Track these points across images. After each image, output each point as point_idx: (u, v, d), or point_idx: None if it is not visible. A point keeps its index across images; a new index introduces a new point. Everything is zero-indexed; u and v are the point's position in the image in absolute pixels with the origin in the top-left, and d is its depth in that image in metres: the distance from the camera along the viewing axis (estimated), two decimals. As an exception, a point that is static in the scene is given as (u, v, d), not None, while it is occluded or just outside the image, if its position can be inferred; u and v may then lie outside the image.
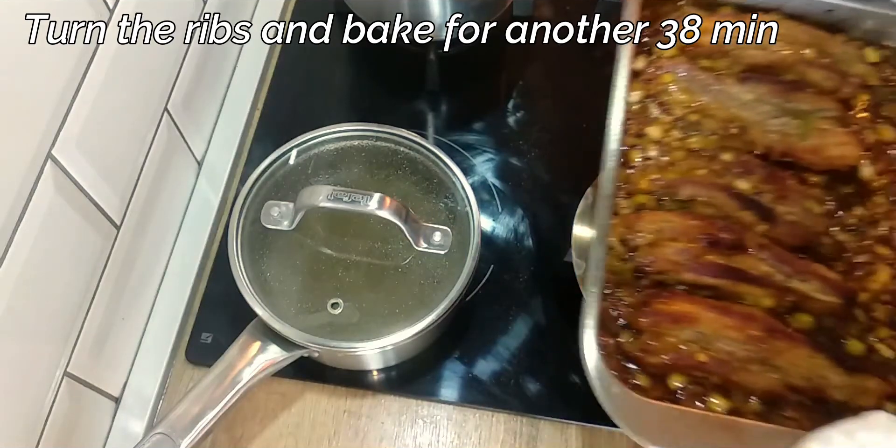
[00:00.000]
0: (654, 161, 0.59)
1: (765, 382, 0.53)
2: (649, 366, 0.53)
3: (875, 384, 0.53)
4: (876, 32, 0.63)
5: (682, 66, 0.61)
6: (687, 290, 0.56)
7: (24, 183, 0.47)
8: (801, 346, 0.53)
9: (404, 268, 0.60)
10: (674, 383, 0.53)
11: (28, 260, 0.49)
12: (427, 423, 0.67)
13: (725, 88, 0.61)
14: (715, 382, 0.53)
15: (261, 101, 0.81)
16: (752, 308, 0.55)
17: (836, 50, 0.63)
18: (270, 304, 0.58)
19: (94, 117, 0.53)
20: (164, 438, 0.54)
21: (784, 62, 0.62)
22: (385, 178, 0.64)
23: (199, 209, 0.74)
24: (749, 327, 0.53)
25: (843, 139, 0.60)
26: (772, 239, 0.57)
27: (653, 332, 0.53)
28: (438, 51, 0.82)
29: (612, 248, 0.56)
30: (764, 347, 0.53)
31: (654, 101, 0.61)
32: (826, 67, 0.62)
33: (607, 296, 0.55)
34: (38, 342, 0.53)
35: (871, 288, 0.58)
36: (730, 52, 0.62)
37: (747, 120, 0.60)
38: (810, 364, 0.53)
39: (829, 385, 0.53)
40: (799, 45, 0.62)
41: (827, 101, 0.62)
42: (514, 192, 0.76)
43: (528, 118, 0.80)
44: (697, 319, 0.53)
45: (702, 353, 0.52)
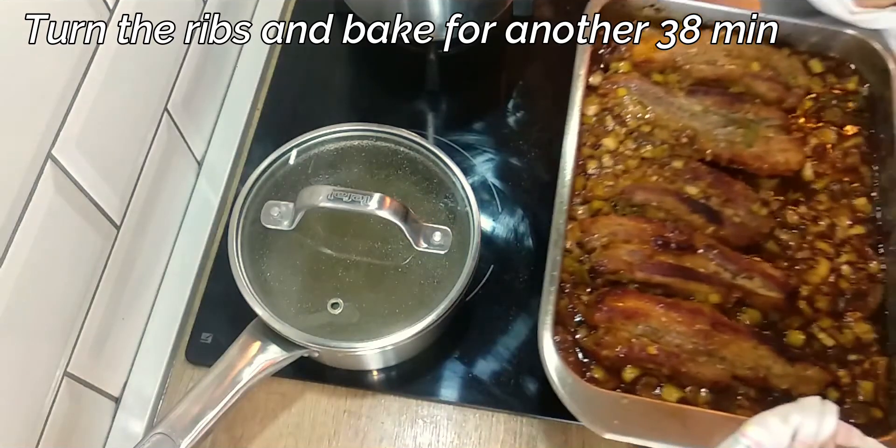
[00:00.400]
0: (610, 169, 0.64)
1: (712, 373, 0.56)
2: (604, 359, 0.56)
3: (815, 373, 0.57)
4: (820, 45, 0.69)
5: (635, 80, 0.66)
6: (639, 288, 0.60)
7: (24, 183, 0.47)
8: (745, 338, 0.57)
9: (404, 268, 0.60)
10: (628, 375, 0.57)
11: (28, 260, 0.49)
12: (427, 423, 0.67)
13: (675, 101, 0.66)
14: (666, 373, 0.57)
15: (261, 101, 0.81)
16: (699, 304, 0.58)
17: (782, 63, 0.68)
18: (270, 304, 0.58)
19: (94, 117, 0.53)
20: (164, 438, 0.54)
21: (731, 75, 0.67)
22: (385, 178, 0.64)
23: (199, 209, 0.74)
24: (696, 322, 0.57)
25: (786, 146, 0.65)
26: (719, 239, 0.61)
27: (607, 327, 0.57)
28: (438, 51, 0.81)
29: (571, 250, 0.60)
30: (710, 340, 0.57)
31: (609, 114, 0.66)
32: (770, 80, 0.67)
33: (566, 295, 0.59)
34: (38, 342, 0.53)
35: (812, 281, 0.62)
36: (680, 67, 0.68)
37: (696, 129, 0.65)
38: (754, 355, 0.57)
39: (772, 375, 0.57)
40: (746, 59, 0.68)
41: (771, 110, 0.66)
42: (514, 192, 0.76)
43: (528, 118, 0.80)
44: (648, 315, 0.57)
45: (652, 346, 0.56)
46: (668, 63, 0.68)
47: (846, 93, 0.69)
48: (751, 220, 0.62)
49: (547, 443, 0.66)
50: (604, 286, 0.60)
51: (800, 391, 0.57)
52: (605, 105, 0.66)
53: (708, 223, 0.62)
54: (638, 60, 0.68)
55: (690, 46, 0.68)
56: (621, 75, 0.67)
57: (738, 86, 0.68)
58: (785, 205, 0.65)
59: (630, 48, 0.68)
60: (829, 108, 0.69)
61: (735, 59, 0.68)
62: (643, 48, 0.68)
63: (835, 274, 0.62)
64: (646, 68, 0.68)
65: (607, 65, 0.69)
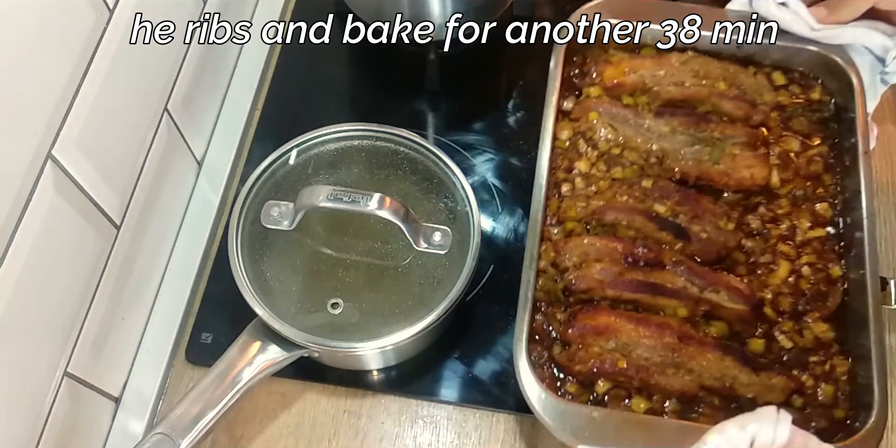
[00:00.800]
0: (583, 191, 0.66)
1: (680, 384, 0.59)
2: (578, 373, 0.59)
3: (780, 381, 0.59)
4: (782, 61, 0.72)
5: (605, 104, 0.69)
6: (611, 305, 0.62)
7: (24, 183, 0.47)
8: (710, 350, 0.60)
9: (404, 268, 0.60)
10: (601, 388, 0.59)
11: (28, 260, 0.49)
12: (427, 422, 0.67)
13: (644, 122, 0.69)
14: (636, 386, 0.59)
15: (261, 101, 0.81)
16: (667, 318, 0.62)
17: (748, 81, 0.71)
18: (270, 304, 0.58)
19: (94, 117, 0.53)
20: (164, 438, 0.54)
21: (698, 96, 0.70)
22: (385, 178, 0.64)
23: (199, 209, 0.74)
24: (664, 335, 0.60)
25: (752, 162, 0.67)
26: (688, 255, 0.64)
27: (579, 343, 0.60)
28: (438, 51, 0.82)
29: (545, 270, 0.63)
30: (678, 353, 0.59)
31: (582, 137, 0.68)
32: (737, 98, 0.70)
33: (542, 313, 0.62)
34: (39, 342, 0.53)
35: (773, 282, 0.64)
36: (650, 89, 0.70)
37: (665, 150, 0.68)
38: (720, 366, 0.59)
39: (739, 384, 0.59)
40: (712, 79, 0.70)
41: (736, 127, 0.69)
42: (514, 192, 0.76)
43: (527, 118, 0.80)
44: (618, 330, 0.60)
45: (623, 360, 0.59)
46: (638, 85, 0.70)
47: (811, 102, 0.72)
48: (718, 236, 0.64)
49: (546, 442, 0.66)
50: (577, 304, 0.62)
51: (765, 399, 0.59)
52: (577, 129, 0.69)
53: (676, 240, 0.64)
54: (609, 84, 0.70)
55: (658, 69, 0.70)
56: (592, 100, 0.70)
57: (705, 105, 0.70)
58: (747, 211, 0.67)
59: (600, 73, 0.71)
60: (796, 118, 0.71)
61: (702, 79, 0.70)
62: (613, 72, 0.70)
63: (795, 275, 0.64)
64: (617, 91, 0.71)
65: (580, 90, 0.72)
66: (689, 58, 0.70)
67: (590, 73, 0.71)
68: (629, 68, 0.70)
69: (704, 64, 0.71)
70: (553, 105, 0.67)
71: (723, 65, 0.71)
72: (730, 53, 0.72)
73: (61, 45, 0.49)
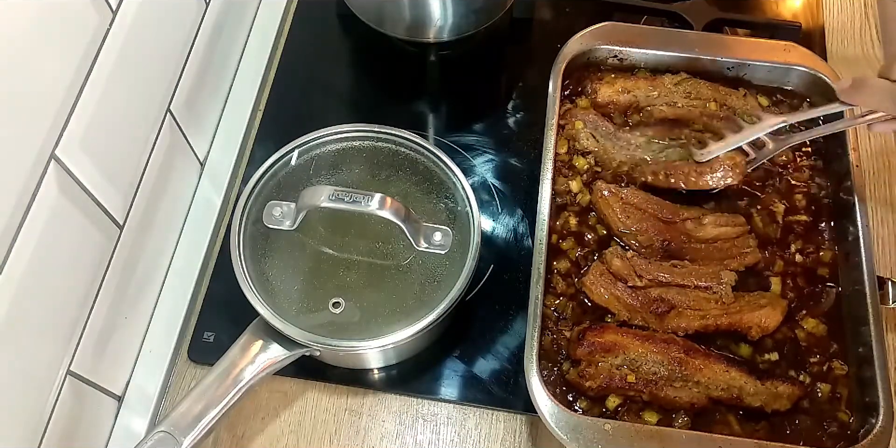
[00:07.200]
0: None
1: (689, 396, 0.61)
2: (588, 389, 0.61)
3: (786, 389, 0.61)
4: (769, 80, 0.75)
5: (589, 115, 0.73)
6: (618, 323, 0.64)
7: (27, 183, 0.48)
8: (716, 362, 0.62)
9: (405, 267, 0.60)
10: (611, 403, 0.61)
11: (31, 259, 0.49)
12: (427, 421, 0.67)
13: (622, 135, 0.73)
14: (646, 400, 0.61)
15: (263, 101, 0.82)
16: (672, 335, 0.63)
17: (738, 102, 0.74)
18: (272, 303, 0.58)
19: (97, 118, 0.54)
20: (167, 436, 0.54)
21: (690, 115, 0.73)
22: (386, 178, 0.64)
23: (201, 209, 0.75)
24: (670, 350, 0.62)
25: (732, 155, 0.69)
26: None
27: (588, 360, 0.61)
28: (439, 52, 0.82)
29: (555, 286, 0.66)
30: (685, 366, 0.61)
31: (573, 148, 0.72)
32: (727, 118, 0.72)
33: (550, 331, 0.64)
34: (42, 341, 0.53)
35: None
36: (643, 108, 0.74)
37: (639, 158, 0.72)
38: (726, 377, 0.61)
39: (745, 394, 0.61)
40: (703, 100, 0.74)
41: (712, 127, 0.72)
42: (513, 193, 0.76)
43: (527, 119, 0.81)
44: (626, 346, 0.62)
45: (632, 375, 0.61)
46: (632, 104, 0.74)
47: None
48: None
49: (546, 441, 0.66)
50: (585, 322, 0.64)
51: (773, 407, 0.61)
52: (564, 134, 0.72)
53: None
54: (603, 102, 0.74)
55: (652, 89, 0.73)
56: (579, 110, 0.73)
57: (696, 124, 0.73)
58: None
59: (595, 90, 0.74)
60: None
61: (693, 99, 0.73)
62: (608, 91, 0.74)
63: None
64: (612, 109, 0.74)
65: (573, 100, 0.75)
66: (682, 79, 0.74)
67: (585, 91, 0.75)
68: (623, 88, 0.74)
69: (696, 85, 0.74)
70: (553, 127, 0.70)
71: (713, 86, 0.74)
72: (720, 75, 0.75)
73: (64, 46, 0.50)
